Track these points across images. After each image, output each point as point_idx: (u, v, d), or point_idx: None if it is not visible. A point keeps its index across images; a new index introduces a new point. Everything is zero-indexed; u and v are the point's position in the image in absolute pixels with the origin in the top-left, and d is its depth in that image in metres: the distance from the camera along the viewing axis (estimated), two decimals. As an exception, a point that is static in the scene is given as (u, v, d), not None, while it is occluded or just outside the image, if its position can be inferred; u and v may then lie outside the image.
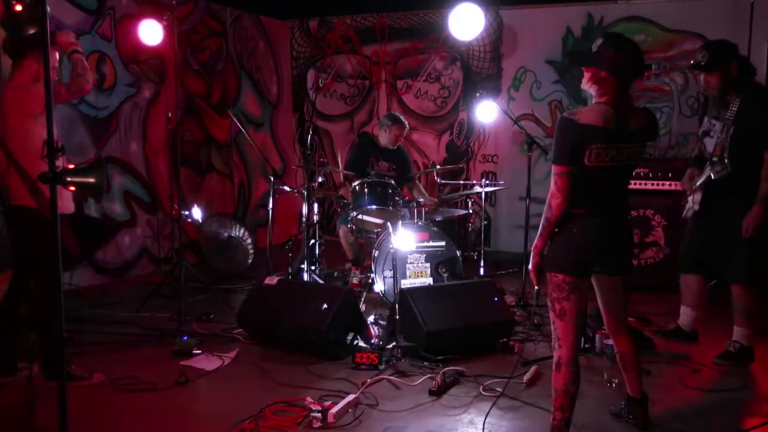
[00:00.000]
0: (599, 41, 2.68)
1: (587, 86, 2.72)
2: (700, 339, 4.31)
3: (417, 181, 6.14)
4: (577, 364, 2.72)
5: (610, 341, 3.75)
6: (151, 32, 5.02)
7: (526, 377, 3.61)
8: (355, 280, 5.56)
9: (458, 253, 5.01)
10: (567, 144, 2.63)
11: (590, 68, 2.69)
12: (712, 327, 4.55)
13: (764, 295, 3.94)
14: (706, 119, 3.96)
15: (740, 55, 3.82)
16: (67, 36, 3.58)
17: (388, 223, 4.69)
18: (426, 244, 4.89)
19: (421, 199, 5.31)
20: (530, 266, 2.80)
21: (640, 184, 5.55)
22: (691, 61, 3.90)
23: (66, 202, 3.52)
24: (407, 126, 5.87)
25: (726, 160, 3.72)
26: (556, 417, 2.70)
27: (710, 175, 3.79)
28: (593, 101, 2.72)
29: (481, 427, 3.08)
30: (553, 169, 2.68)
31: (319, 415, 3.07)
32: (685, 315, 4.22)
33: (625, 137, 2.66)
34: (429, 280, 4.89)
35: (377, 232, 5.24)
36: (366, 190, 5.05)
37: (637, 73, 2.70)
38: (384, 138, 5.79)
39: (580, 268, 2.71)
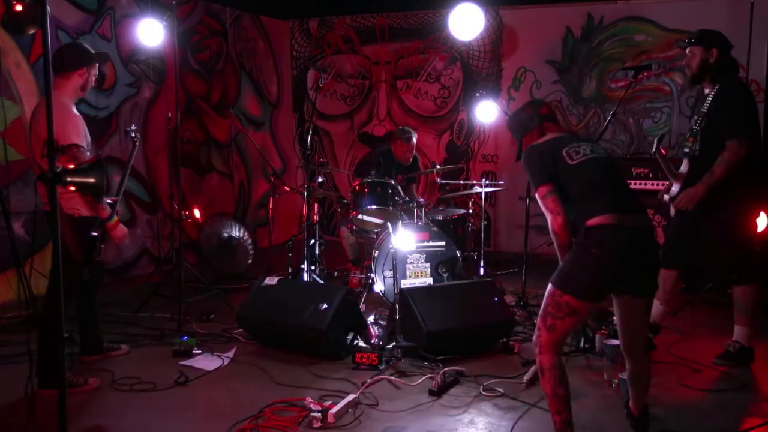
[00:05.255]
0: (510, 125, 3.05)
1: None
2: (699, 339, 4.31)
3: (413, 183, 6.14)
4: (561, 365, 2.65)
5: (611, 341, 3.76)
6: (151, 32, 5.02)
7: (526, 377, 3.61)
8: (354, 280, 5.56)
9: (458, 253, 5.00)
10: (539, 165, 2.69)
11: (521, 140, 2.92)
12: (712, 327, 4.55)
13: (764, 295, 3.93)
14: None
15: (728, 50, 3.82)
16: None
17: (388, 223, 4.69)
18: (426, 244, 4.89)
19: (421, 199, 5.32)
20: None
21: (640, 184, 5.56)
22: (684, 40, 3.92)
23: (121, 231, 3.71)
24: (412, 138, 5.86)
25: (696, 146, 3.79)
26: (555, 420, 2.66)
27: (687, 167, 3.83)
28: None
29: (481, 427, 3.09)
30: (537, 195, 2.66)
31: (319, 415, 3.07)
32: (655, 308, 4.14)
33: (588, 140, 2.83)
34: (429, 280, 4.89)
35: (377, 232, 5.24)
36: (366, 190, 5.05)
37: (539, 117, 2.87)
38: (398, 155, 5.82)
39: (593, 294, 2.57)
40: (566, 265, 2.59)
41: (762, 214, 4.06)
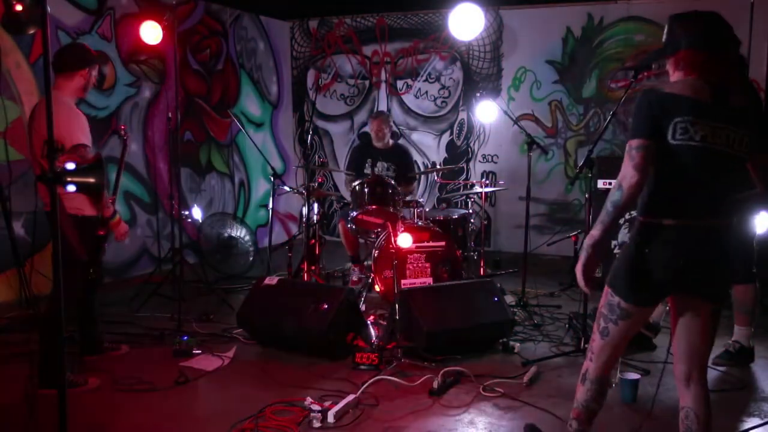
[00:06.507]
0: (667, 26, 2.33)
1: (676, 77, 2.30)
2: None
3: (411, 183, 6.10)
4: (605, 384, 2.46)
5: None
6: (151, 32, 5.01)
7: (526, 377, 3.61)
8: (354, 278, 5.56)
9: (458, 253, 5.00)
10: (646, 114, 2.19)
11: (670, 56, 2.29)
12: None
13: (764, 295, 3.94)
14: None
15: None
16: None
17: (388, 223, 4.69)
18: (426, 244, 4.89)
19: (422, 199, 5.31)
20: (579, 263, 2.30)
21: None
22: None
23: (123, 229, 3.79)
24: (384, 116, 5.89)
25: None
26: (572, 425, 2.54)
27: None
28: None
29: (481, 427, 3.09)
30: (629, 145, 2.20)
31: (319, 415, 3.08)
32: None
33: (723, 115, 2.17)
34: (429, 280, 4.89)
35: (377, 232, 5.24)
36: (366, 190, 5.05)
37: (723, 39, 2.23)
38: (372, 137, 5.83)
39: (641, 297, 2.30)
40: (618, 261, 2.33)
41: (762, 213, 4.05)
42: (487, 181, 5.69)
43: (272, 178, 5.63)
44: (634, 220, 2.32)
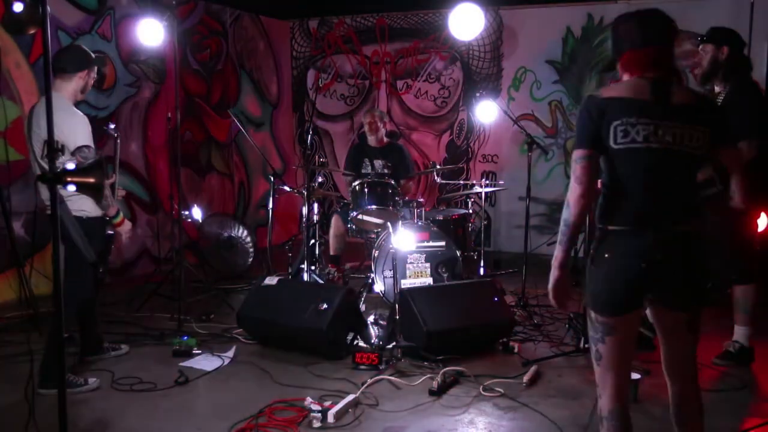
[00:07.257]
0: (611, 30, 2.31)
1: (625, 77, 2.25)
2: (699, 339, 4.31)
3: (408, 181, 6.07)
4: (625, 416, 2.24)
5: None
6: (151, 32, 5.02)
7: (525, 377, 3.61)
8: (330, 277, 5.52)
9: (458, 253, 5.00)
10: (584, 123, 2.16)
11: (618, 59, 2.26)
12: (712, 327, 4.55)
13: (764, 295, 3.93)
14: None
15: (739, 48, 3.80)
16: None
17: (388, 223, 4.69)
18: (426, 244, 4.89)
19: (422, 199, 5.31)
20: (550, 284, 2.24)
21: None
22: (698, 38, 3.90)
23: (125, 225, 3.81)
24: (375, 111, 5.90)
25: None
26: None
27: None
28: None
29: (481, 427, 3.09)
30: (573, 155, 2.19)
31: (319, 415, 3.08)
32: None
33: (665, 113, 2.11)
34: (429, 280, 4.88)
35: (377, 232, 5.24)
36: (366, 190, 5.05)
37: (661, 35, 2.21)
38: (366, 131, 5.82)
39: (613, 305, 2.18)
40: (586, 278, 2.24)
41: (762, 214, 4.06)
42: (487, 181, 5.67)
43: (272, 178, 5.63)
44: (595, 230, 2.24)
